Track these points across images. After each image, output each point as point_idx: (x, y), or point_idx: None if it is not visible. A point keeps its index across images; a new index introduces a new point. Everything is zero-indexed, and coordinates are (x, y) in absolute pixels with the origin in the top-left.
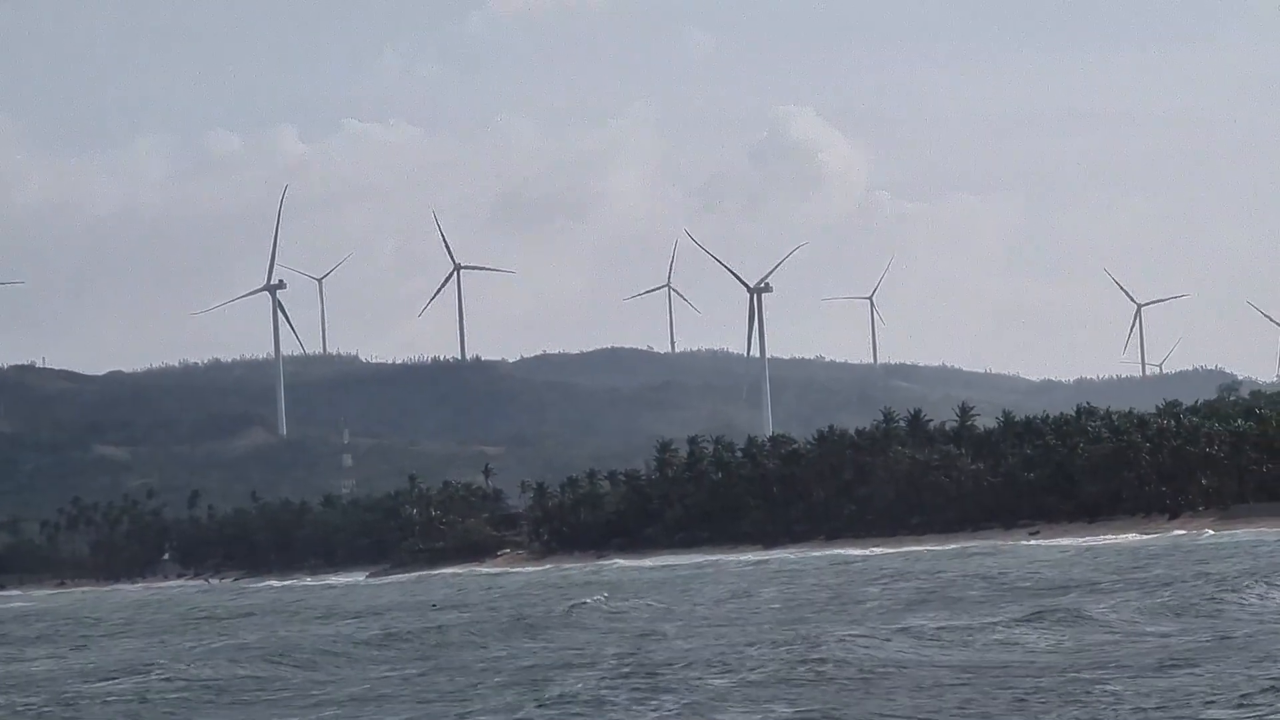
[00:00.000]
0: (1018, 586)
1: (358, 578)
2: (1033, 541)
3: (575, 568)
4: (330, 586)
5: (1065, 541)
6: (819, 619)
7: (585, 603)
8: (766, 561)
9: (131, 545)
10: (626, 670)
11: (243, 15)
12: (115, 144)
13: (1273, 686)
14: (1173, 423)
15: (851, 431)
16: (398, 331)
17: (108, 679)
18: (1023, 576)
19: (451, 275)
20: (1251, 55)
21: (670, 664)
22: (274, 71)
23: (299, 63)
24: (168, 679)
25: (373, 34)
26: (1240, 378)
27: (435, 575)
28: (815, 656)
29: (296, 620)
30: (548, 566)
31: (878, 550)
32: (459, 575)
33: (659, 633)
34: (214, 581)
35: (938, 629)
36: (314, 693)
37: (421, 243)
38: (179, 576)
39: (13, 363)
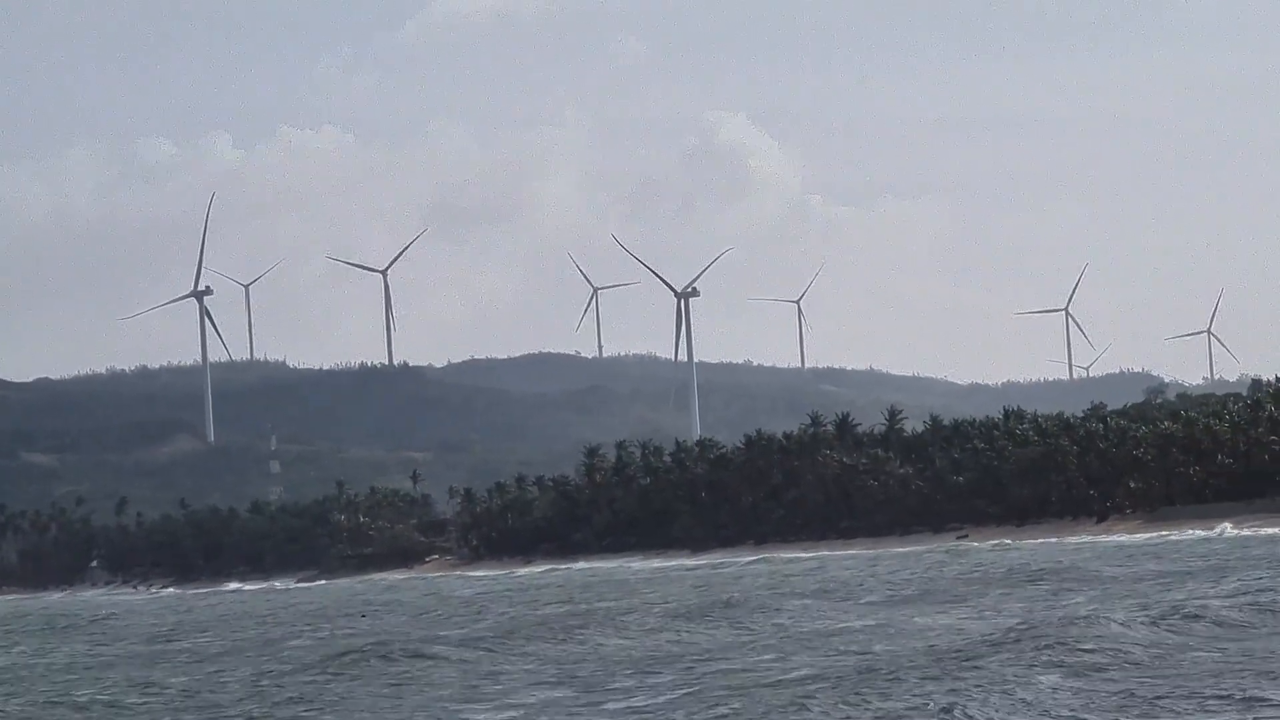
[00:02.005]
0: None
1: (287, 584)
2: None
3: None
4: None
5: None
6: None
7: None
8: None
9: (60, 553)
10: None
11: (179, 22)
12: (47, 152)
13: None
14: (1100, 426)
15: (780, 436)
16: (325, 338)
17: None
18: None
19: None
20: (1182, 60)
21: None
22: (210, 79)
23: (236, 70)
24: None
25: (310, 42)
26: (1167, 380)
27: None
28: None
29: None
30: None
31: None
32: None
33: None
34: (142, 589)
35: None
36: None
37: (353, 249)
38: (107, 584)
39: None
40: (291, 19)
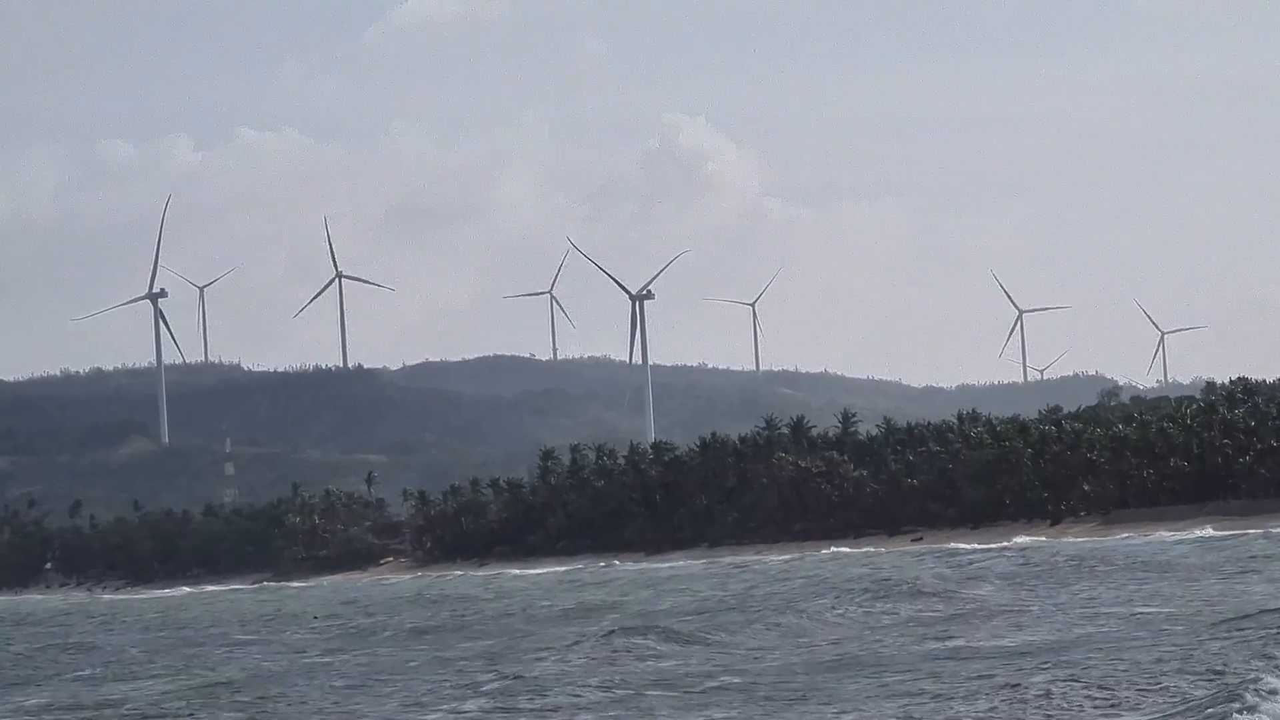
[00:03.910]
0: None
1: (241, 586)
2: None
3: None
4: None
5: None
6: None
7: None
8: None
9: (13, 555)
10: None
11: (140, 24)
12: (6, 154)
13: None
14: (1054, 429)
15: (734, 438)
16: (281, 340)
17: None
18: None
19: (332, 282)
20: (1134, 60)
21: None
22: (171, 81)
23: (196, 73)
24: None
25: (271, 45)
26: (1121, 383)
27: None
28: None
29: None
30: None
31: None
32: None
33: None
34: (94, 591)
35: None
36: None
37: (311, 252)
38: (61, 586)
39: None
40: (252, 22)
